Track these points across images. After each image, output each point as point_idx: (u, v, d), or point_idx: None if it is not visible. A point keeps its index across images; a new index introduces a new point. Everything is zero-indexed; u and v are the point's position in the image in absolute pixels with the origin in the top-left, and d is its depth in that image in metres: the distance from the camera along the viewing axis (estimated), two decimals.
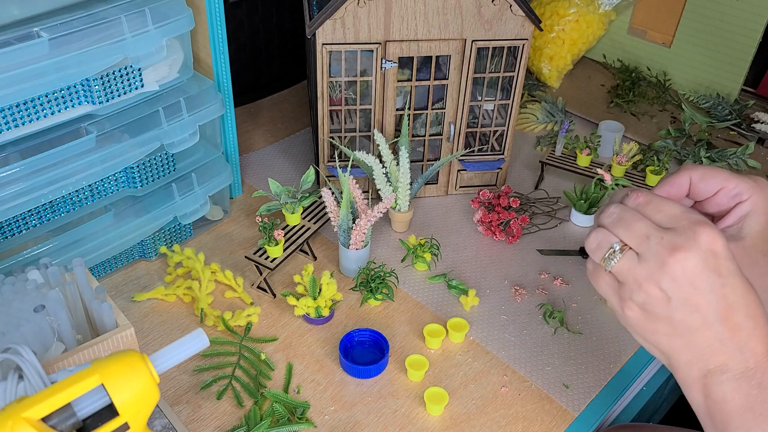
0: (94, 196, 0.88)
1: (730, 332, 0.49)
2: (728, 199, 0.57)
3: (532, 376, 0.83)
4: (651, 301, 0.50)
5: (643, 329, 0.52)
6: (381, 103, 1.03)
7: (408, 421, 0.78)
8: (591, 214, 1.06)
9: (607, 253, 0.52)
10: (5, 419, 0.44)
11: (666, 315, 0.50)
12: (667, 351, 0.52)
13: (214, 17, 0.92)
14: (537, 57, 1.45)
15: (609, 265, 0.52)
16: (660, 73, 1.48)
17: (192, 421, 0.76)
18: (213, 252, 1.00)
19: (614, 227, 0.52)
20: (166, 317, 0.89)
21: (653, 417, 1.18)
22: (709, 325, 0.49)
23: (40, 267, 0.70)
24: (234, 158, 1.06)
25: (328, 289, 0.88)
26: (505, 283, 0.97)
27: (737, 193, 0.56)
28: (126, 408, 0.48)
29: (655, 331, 0.51)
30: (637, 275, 0.50)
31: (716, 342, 0.49)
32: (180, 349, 0.53)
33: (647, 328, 0.51)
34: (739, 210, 0.57)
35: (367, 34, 0.96)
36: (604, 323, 0.91)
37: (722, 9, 1.33)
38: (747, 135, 1.31)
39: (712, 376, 0.50)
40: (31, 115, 0.78)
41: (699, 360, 0.50)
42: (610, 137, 1.23)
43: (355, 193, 0.93)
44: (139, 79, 0.86)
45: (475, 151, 1.11)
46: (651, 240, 0.49)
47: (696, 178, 0.57)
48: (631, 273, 0.50)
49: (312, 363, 0.84)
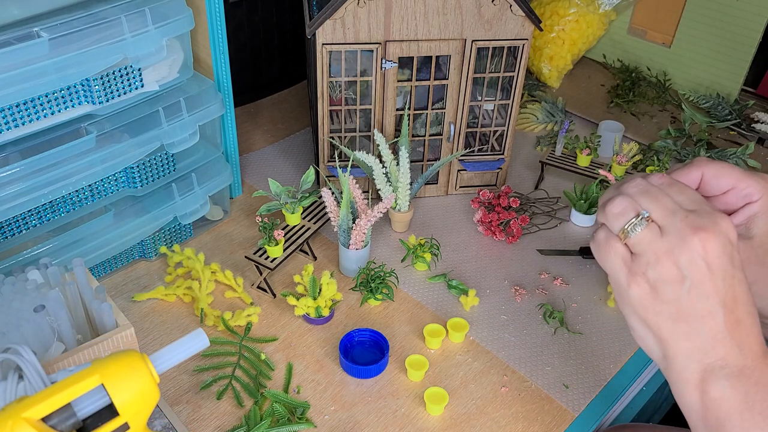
0: (94, 196, 0.88)
1: (732, 326, 0.48)
2: (738, 198, 0.56)
3: (532, 376, 0.83)
4: (664, 278, 0.49)
5: (645, 309, 0.50)
6: (381, 103, 1.03)
7: (408, 421, 0.78)
8: (591, 214, 1.06)
9: (629, 223, 0.50)
10: (5, 419, 0.44)
11: (675, 297, 0.48)
12: (667, 337, 0.50)
13: (214, 17, 0.92)
14: (537, 57, 1.45)
15: (631, 234, 0.50)
16: (660, 73, 1.48)
17: (192, 421, 0.76)
18: (213, 252, 1.00)
19: (639, 197, 0.51)
20: (166, 317, 0.89)
21: (653, 417, 1.18)
22: (714, 314, 0.48)
23: (40, 267, 0.70)
24: (234, 158, 1.06)
25: (328, 289, 0.88)
26: (505, 283, 0.97)
27: (748, 193, 0.56)
28: (126, 408, 0.48)
29: (659, 313, 0.50)
30: (657, 248, 0.49)
31: (718, 334, 0.48)
32: (180, 349, 0.53)
33: (651, 309, 0.50)
34: (748, 210, 0.56)
35: (367, 34, 0.96)
36: (604, 323, 0.91)
37: (722, 9, 1.33)
38: (747, 135, 1.31)
39: (712, 370, 0.49)
40: (31, 115, 0.78)
41: (699, 351, 0.49)
42: (610, 137, 1.23)
43: (355, 193, 0.93)
44: (139, 79, 0.86)
45: (475, 151, 1.11)
46: (676, 215, 0.48)
47: (709, 175, 0.56)
48: (651, 245, 0.49)
49: (312, 363, 0.84)
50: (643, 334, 0.52)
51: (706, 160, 0.56)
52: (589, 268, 0.99)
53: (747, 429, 0.48)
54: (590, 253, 1.01)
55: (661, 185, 0.51)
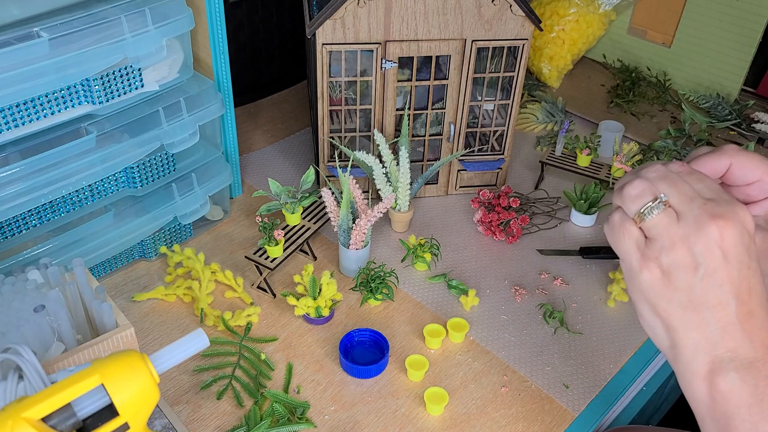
0: (94, 196, 0.88)
1: (744, 318, 0.47)
2: (760, 191, 0.55)
3: (532, 376, 0.83)
4: (678, 264, 0.48)
5: (656, 296, 0.49)
6: (381, 103, 1.03)
7: (408, 421, 0.78)
8: (591, 214, 1.06)
9: (647, 206, 0.49)
10: (5, 419, 0.44)
11: (687, 284, 0.48)
12: (676, 326, 0.49)
13: (214, 17, 0.92)
14: (537, 57, 1.45)
15: (647, 217, 0.49)
16: (660, 73, 1.48)
17: (192, 421, 0.76)
18: (213, 252, 1.00)
19: (658, 181, 0.50)
20: (166, 317, 0.89)
21: (653, 417, 1.18)
22: (725, 305, 0.47)
23: (40, 267, 0.70)
24: (234, 158, 1.06)
25: (328, 289, 0.88)
26: (505, 283, 0.97)
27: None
28: (126, 408, 0.48)
29: (669, 300, 0.49)
30: (672, 233, 0.48)
31: (729, 325, 0.47)
32: (180, 349, 0.53)
33: (662, 295, 0.49)
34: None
35: (367, 34, 0.96)
36: (604, 323, 0.91)
37: (722, 9, 1.33)
38: (747, 135, 1.31)
39: (720, 362, 0.48)
40: (31, 115, 0.78)
41: (708, 342, 0.48)
42: (610, 137, 1.23)
43: (355, 193, 0.93)
44: (139, 79, 0.86)
45: (475, 151, 1.11)
46: (694, 202, 0.48)
47: (737, 165, 0.54)
48: (667, 230, 0.48)
49: (312, 363, 0.84)
50: (652, 322, 0.51)
51: (737, 149, 0.55)
52: (589, 268, 0.99)
53: (756, 423, 0.47)
54: (590, 253, 1.01)
55: (680, 173, 0.50)
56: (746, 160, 0.54)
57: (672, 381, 1.01)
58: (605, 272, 0.99)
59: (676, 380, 1.02)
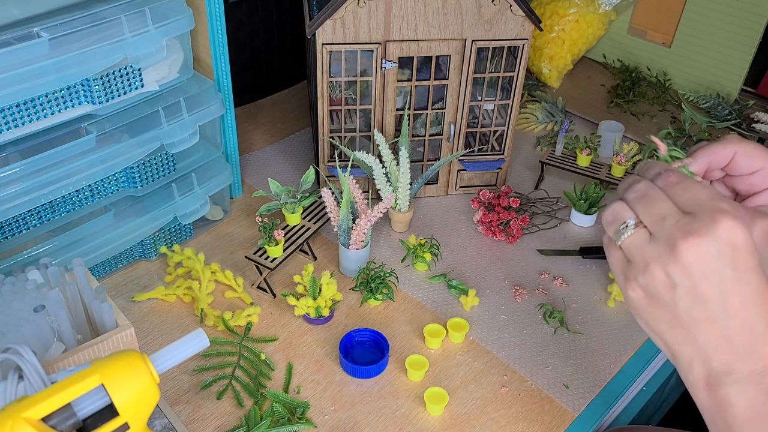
0: (94, 196, 0.88)
1: (739, 331, 0.46)
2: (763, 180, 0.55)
3: (532, 376, 0.83)
4: (655, 284, 0.47)
5: (644, 313, 0.50)
6: (381, 103, 1.03)
7: (408, 421, 0.78)
8: (591, 214, 1.06)
9: (620, 227, 0.50)
10: (5, 419, 0.44)
11: (669, 302, 0.47)
12: (669, 341, 0.49)
13: (214, 17, 0.92)
14: (537, 57, 1.45)
15: (619, 239, 0.50)
16: (660, 73, 1.48)
17: (192, 421, 0.76)
18: (213, 252, 1.00)
19: (635, 203, 0.50)
20: (166, 317, 0.89)
21: (653, 417, 1.18)
22: (713, 319, 0.46)
23: (40, 267, 0.70)
24: (234, 158, 1.06)
25: (328, 289, 0.88)
26: (505, 283, 0.97)
27: None
28: (126, 408, 0.48)
29: (656, 318, 0.49)
30: (645, 254, 0.48)
31: (721, 339, 0.46)
32: (180, 349, 0.53)
33: (649, 313, 0.49)
34: None
35: (367, 34, 0.96)
36: (604, 323, 0.91)
37: (722, 9, 1.33)
38: (747, 135, 1.31)
39: (717, 376, 0.47)
40: (31, 115, 0.78)
41: (701, 356, 0.48)
42: (610, 137, 1.23)
43: (355, 193, 0.93)
44: (139, 79, 0.86)
45: (475, 151, 1.11)
46: (667, 221, 0.47)
47: (741, 154, 0.54)
48: (639, 251, 0.48)
49: (312, 363, 0.84)
50: (651, 336, 0.51)
51: (739, 139, 0.55)
52: (589, 268, 0.99)
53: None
54: (590, 253, 1.01)
55: (666, 185, 0.50)
56: (750, 149, 0.54)
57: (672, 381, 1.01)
58: (605, 272, 0.99)
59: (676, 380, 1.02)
